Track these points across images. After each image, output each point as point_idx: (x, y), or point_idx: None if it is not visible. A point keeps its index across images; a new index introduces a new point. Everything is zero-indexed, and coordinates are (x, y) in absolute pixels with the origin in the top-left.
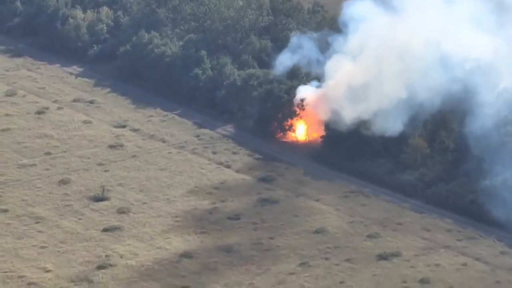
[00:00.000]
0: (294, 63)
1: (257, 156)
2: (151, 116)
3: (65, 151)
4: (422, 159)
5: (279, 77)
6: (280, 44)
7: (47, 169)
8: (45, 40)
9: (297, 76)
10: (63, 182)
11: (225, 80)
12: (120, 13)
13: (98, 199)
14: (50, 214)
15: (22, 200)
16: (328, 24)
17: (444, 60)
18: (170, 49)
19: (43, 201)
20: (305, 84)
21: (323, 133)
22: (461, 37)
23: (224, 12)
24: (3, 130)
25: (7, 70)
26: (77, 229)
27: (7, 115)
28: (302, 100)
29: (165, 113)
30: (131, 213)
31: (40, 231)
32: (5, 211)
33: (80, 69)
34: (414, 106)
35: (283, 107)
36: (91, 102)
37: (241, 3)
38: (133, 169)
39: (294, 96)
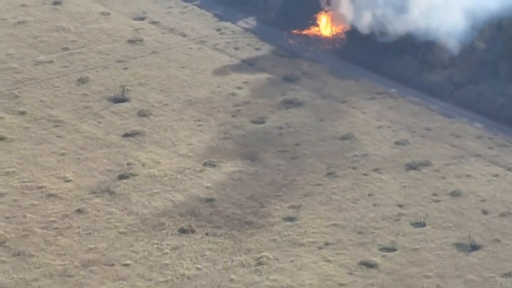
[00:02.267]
0: None
1: (280, 52)
2: (170, 7)
3: (83, 46)
4: (450, 58)
5: None
6: None
7: (65, 66)
8: None
9: None
10: (82, 81)
11: None
12: None
13: (118, 100)
14: (69, 116)
15: (40, 101)
16: None
17: None
18: None
19: (62, 102)
20: None
21: (348, 28)
22: None
23: None
24: (19, 22)
25: None
26: (97, 134)
27: (22, 5)
28: None
29: (185, 3)
30: (152, 116)
31: (59, 136)
32: (23, 113)
33: None
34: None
35: (307, 1)
36: None
37: None
38: (153, 67)
39: None
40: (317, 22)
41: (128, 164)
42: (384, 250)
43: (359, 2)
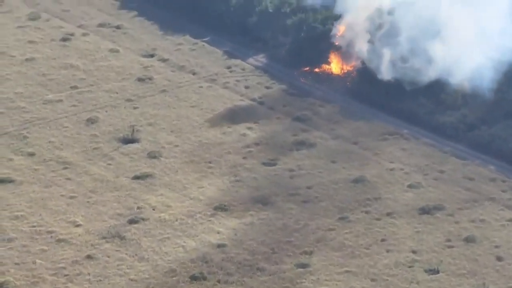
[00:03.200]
0: None
1: (291, 91)
2: (180, 44)
3: (92, 85)
4: (463, 98)
5: (313, 5)
6: None
7: (74, 106)
8: None
9: (333, 4)
10: (91, 121)
11: (256, 6)
12: None
13: (128, 140)
14: (78, 158)
15: (49, 142)
16: None
17: None
18: None
19: (71, 143)
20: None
21: (359, 66)
22: None
23: None
24: (27, 59)
25: None
26: (107, 176)
27: (31, 42)
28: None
29: (195, 40)
30: (163, 158)
31: (68, 178)
32: (32, 154)
33: None
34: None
35: (318, 39)
36: (118, 27)
37: None
38: (163, 106)
39: (330, 27)
40: (328, 59)
41: (138, 208)
42: None
43: (372, 40)
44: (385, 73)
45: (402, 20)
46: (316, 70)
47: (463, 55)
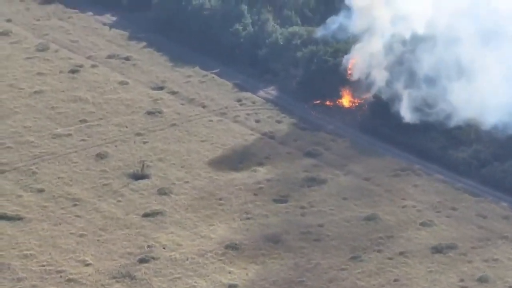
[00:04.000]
0: (340, 23)
1: (301, 125)
2: (189, 76)
3: (101, 118)
4: (476, 134)
5: (324, 37)
6: None
7: (83, 140)
8: None
9: (344, 36)
10: (100, 156)
11: (267, 38)
12: None
13: (138, 176)
14: (88, 195)
15: (58, 177)
16: None
17: None
18: (209, 1)
19: (81, 179)
20: (352, 46)
21: (370, 99)
22: None
23: None
24: (36, 92)
25: (38, 20)
26: (117, 214)
27: (39, 74)
28: (349, 68)
29: (204, 72)
30: (173, 195)
31: (78, 216)
32: (41, 191)
33: (114, 18)
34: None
35: (329, 71)
36: (127, 59)
37: None
38: (173, 141)
39: (341, 60)
40: (339, 92)
41: (148, 246)
42: None
43: (384, 74)
44: (405, 113)
45: (418, 56)
46: (327, 103)
47: (478, 92)
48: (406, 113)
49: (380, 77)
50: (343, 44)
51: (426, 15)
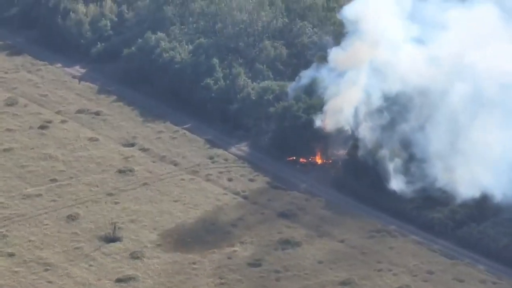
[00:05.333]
0: (312, 77)
1: (275, 183)
2: (160, 131)
3: (71, 177)
4: (452, 196)
5: (297, 92)
6: (296, 50)
7: (53, 200)
8: (44, 34)
9: (316, 91)
10: (71, 217)
11: (238, 93)
12: (124, 7)
13: (110, 239)
14: (59, 259)
15: (29, 241)
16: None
17: None
18: (179, 54)
19: (52, 242)
20: (324, 102)
21: (344, 155)
22: None
23: (236, 15)
24: (5, 150)
25: (6, 72)
26: (89, 279)
27: (8, 130)
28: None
29: (175, 128)
30: (145, 258)
31: (49, 282)
32: (12, 255)
33: (83, 70)
34: None
35: (301, 128)
36: (97, 113)
37: (252, 3)
38: (145, 201)
39: (314, 116)
40: (313, 149)
41: None
42: None
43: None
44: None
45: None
46: (301, 160)
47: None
48: (386, 176)
49: (354, 134)
50: (316, 100)
51: (402, 71)
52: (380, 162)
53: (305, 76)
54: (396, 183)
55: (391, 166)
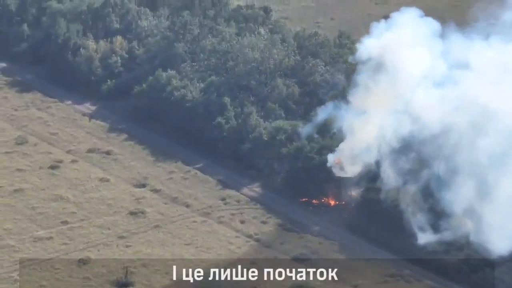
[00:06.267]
0: (325, 117)
1: (288, 225)
2: (172, 172)
3: (83, 219)
4: (466, 237)
5: (309, 133)
6: (308, 89)
7: (65, 244)
8: (54, 70)
9: (329, 132)
10: (83, 261)
11: (250, 133)
12: (134, 43)
13: (122, 284)
14: None
15: (41, 286)
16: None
17: None
18: (191, 92)
19: (63, 287)
20: (338, 142)
21: (358, 197)
22: None
23: (248, 53)
24: (15, 190)
25: (16, 110)
26: None
27: (18, 170)
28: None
29: (187, 168)
30: None
31: None
32: None
33: (93, 107)
34: None
35: (314, 169)
36: (108, 153)
37: (264, 41)
38: (157, 244)
39: (326, 157)
40: (326, 190)
41: None
42: None
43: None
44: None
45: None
46: (314, 201)
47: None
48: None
49: (369, 175)
50: (329, 140)
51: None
52: (399, 209)
53: (318, 115)
54: (423, 237)
55: (413, 217)
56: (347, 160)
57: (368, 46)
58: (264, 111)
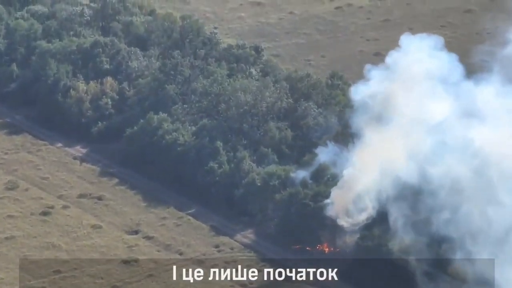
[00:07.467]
0: (320, 163)
1: (283, 276)
2: (164, 218)
3: (75, 268)
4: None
5: (303, 179)
6: (301, 132)
7: None
8: (44, 112)
9: (323, 177)
10: None
11: (243, 178)
12: (125, 84)
13: None
14: None
15: None
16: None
17: None
18: (183, 136)
19: None
20: (331, 187)
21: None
22: None
23: (240, 97)
24: (6, 238)
25: (6, 153)
26: None
27: (9, 216)
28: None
29: (180, 214)
30: None
31: None
32: None
33: (84, 150)
34: None
35: (308, 216)
36: (99, 198)
37: (256, 82)
38: None
39: (321, 204)
40: (320, 238)
41: None
42: None
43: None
44: None
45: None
46: (307, 248)
47: None
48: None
49: (360, 221)
50: (323, 187)
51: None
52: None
53: (312, 160)
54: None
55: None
56: (342, 208)
57: (366, 93)
58: (256, 155)
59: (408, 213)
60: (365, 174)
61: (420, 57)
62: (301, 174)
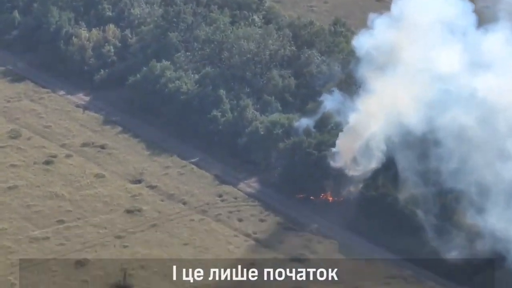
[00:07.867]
0: (323, 111)
1: (287, 224)
2: (168, 166)
3: (79, 218)
4: (469, 236)
5: (307, 127)
6: (304, 80)
7: (61, 244)
8: (47, 59)
9: (327, 126)
10: (80, 263)
11: (247, 126)
12: (127, 31)
13: (121, 287)
14: None
15: None
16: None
17: None
18: (186, 84)
19: None
20: (335, 136)
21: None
22: None
23: (243, 44)
24: (10, 187)
25: (8, 101)
26: None
27: (12, 165)
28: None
29: (183, 162)
30: None
31: None
32: None
33: (87, 98)
34: None
35: (312, 165)
36: (102, 147)
37: (259, 30)
38: (155, 244)
39: (325, 152)
40: (324, 186)
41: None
42: None
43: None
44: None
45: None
46: (312, 197)
47: None
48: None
49: (369, 169)
50: (327, 135)
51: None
52: (401, 207)
53: (316, 109)
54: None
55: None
56: (346, 155)
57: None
58: (260, 104)
59: (415, 162)
60: (371, 121)
61: (426, 3)
62: (304, 122)
